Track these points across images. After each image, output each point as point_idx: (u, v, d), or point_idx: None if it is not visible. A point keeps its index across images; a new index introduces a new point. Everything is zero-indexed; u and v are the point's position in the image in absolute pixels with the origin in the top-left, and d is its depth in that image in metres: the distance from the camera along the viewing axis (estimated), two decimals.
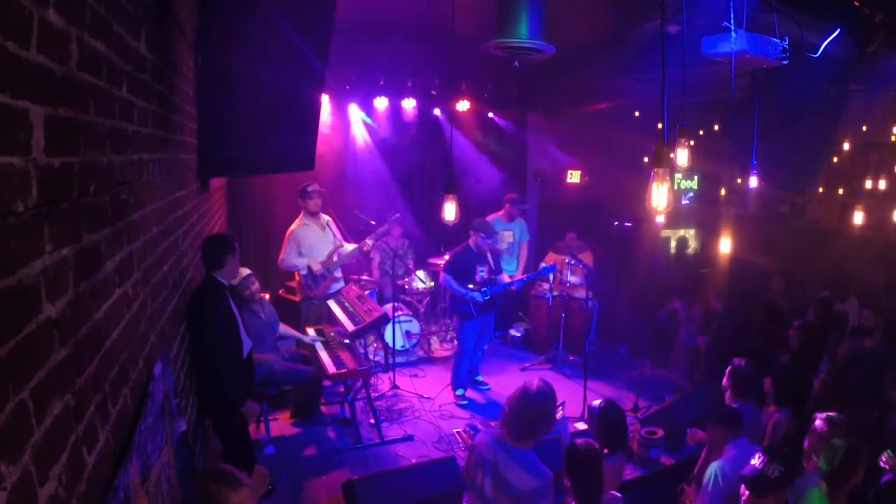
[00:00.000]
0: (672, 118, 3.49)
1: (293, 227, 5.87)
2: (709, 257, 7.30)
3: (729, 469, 3.08)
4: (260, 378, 4.66)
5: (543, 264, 7.16)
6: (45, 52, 1.13)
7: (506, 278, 6.07)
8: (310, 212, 5.86)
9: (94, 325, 1.43)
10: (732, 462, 3.11)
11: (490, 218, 7.21)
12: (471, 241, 5.82)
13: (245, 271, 4.69)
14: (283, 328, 5.10)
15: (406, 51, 6.02)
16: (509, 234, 7.34)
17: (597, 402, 3.55)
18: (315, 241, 5.86)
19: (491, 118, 8.45)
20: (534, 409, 2.66)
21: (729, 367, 3.89)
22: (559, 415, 3.32)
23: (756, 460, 2.70)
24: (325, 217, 6.04)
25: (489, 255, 5.90)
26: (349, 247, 6.03)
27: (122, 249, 1.75)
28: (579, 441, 2.85)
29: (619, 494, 2.83)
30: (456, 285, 5.73)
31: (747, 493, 2.66)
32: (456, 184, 4.05)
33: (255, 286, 4.76)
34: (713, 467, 3.15)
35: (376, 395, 5.73)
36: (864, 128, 7.25)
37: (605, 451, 3.18)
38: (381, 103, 7.49)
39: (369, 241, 5.98)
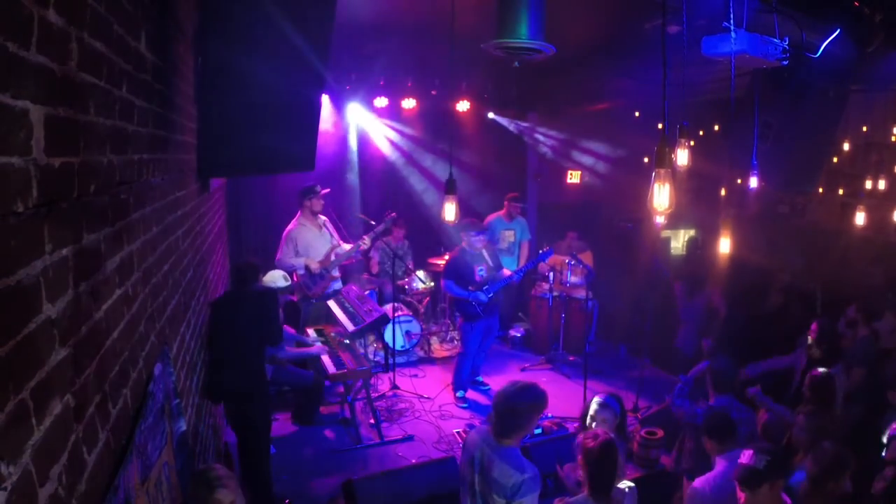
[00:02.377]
0: (672, 118, 3.48)
1: (290, 227, 5.90)
2: (708, 258, 7.29)
3: (716, 483, 2.99)
4: (268, 373, 4.73)
5: (543, 265, 7.16)
6: (45, 52, 1.13)
7: (506, 272, 6.08)
8: (313, 211, 5.90)
9: (94, 325, 1.43)
10: (716, 477, 3.03)
11: (491, 218, 7.22)
12: (464, 244, 5.84)
13: (281, 282, 4.88)
14: (289, 350, 5.03)
15: (406, 51, 6.02)
16: (510, 234, 7.35)
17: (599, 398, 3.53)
18: (312, 240, 5.88)
19: (491, 118, 8.45)
20: (511, 407, 2.70)
21: (707, 365, 3.91)
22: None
23: (742, 458, 2.68)
24: (322, 217, 6.07)
25: (485, 253, 5.90)
26: (346, 246, 6.04)
27: (122, 249, 1.75)
28: (598, 432, 2.85)
29: (632, 484, 2.82)
30: (458, 289, 5.74)
31: (743, 494, 2.64)
32: (455, 184, 4.04)
33: (285, 299, 5.13)
34: (695, 484, 3.08)
35: (376, 395, 5.73)
36: (864, 128, 7.25)
37: None
38: (381, 103, 7.49)
39: (366, 240, 5.99)
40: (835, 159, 7.10)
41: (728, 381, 3.74)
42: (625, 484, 2.78)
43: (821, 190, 7.74)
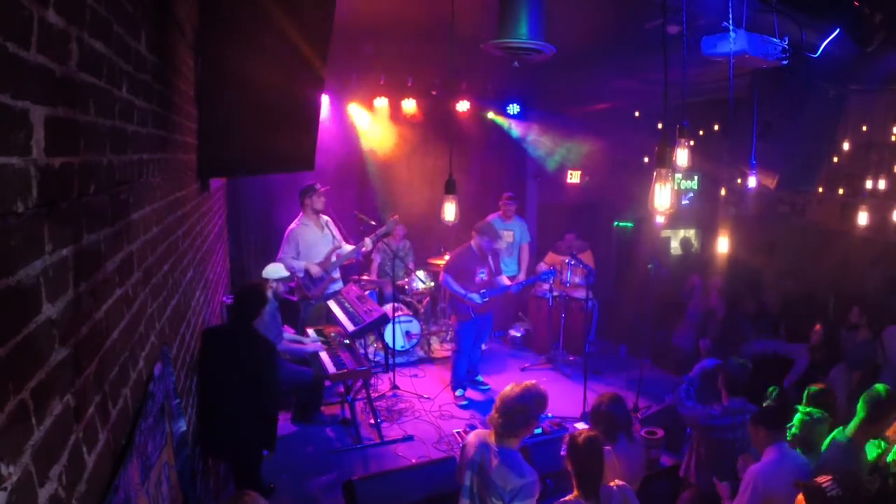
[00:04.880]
0: (672, 118, 3.48)
1: (292, 226, 5.89)
2: (708, 258, 7.30)
3: (767, 473, 3.01)
4: None
5: (543, 265, 7.18)
6: (45, 52, 1.13)
7: (505, 280, 6.07)
8: (314, 209, 5.90)
9: (94, 325, 1.43)
10: (771, 465, 3.05)
11: (489, 218, 7.21)
12: (472, 243, 5.83)
13: (283, 272, 4.91)
14: (286, 343, 5.06)
15: (406, 51, 6.01)
16: (509, 234, 7.36)
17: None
18: (314, 240, 5.87)
19: (491, 118, 8.45)
20: (515, 405, 2.71)
21: (720, 368, 3.90)
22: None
23: (821, 478, 2.61)
24: (325, 217, 6.06)
25: (490, 258, 5.91)
26: (347, 247, 6.04)
27: (122, 249, 1.74)
28: (580, 430, 2.86)
29: (623, 483, 2.82)
30: (455, 286, 5.74)
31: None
32: (455, 184, 4.04)
33: (286, 288, 5.09)
34: (751, 472, 3.09)
35: (376, 395, 5.74)
36: (864, 128, 7.24)
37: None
38: (381, 103, 7.49)
39: (368, 242, 5.99)
40: (835, 159, 7.09)
41: (741, 382, 3.75)
42: (616, 483, 2.78)
43: (821, 190, 7.74)
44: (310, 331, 5.61)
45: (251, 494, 2.33)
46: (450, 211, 4.06)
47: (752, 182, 5.01)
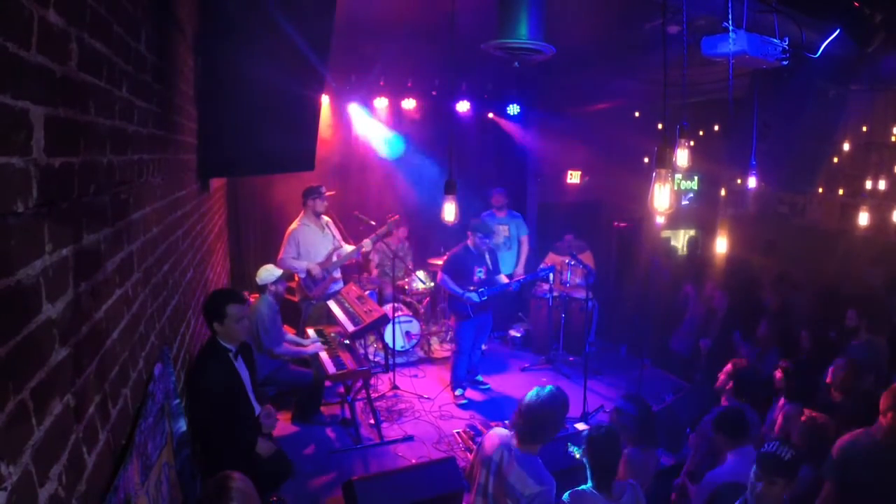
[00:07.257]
0: (672, 118, 3.49)
1: (293, 226, 5.88)
2: (709, 258, 7.29)
3: (725, 477, 3.00)
4: (268, 372, 4.73)
5: (543, 266, 7.17)
6: (45, 52, 1.13)
7: (504, 279, 6.07)
8: (316, 211, 5.90)
9: (94, 325, 1.43)
10: (730, 469, 3.04)
11: (483, 215, 7.23)
12: (469, 242, 5.83)
13: (277, 272, 4.92)
14: (286, 346, 5.04)
15: (406, 51, 6.01)
16: (504, 228, 7.38)
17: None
18: (315, 241, 5.87)
19: (491, 118, 8.45)
20: (541, 412, 2.71)
21: (729, 366, 3.88)
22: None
23: (768, 447, 2.62)
24: (325, 218, 6.06)
25: (487, 256, 5.90)
26: (348, 248, 6.04)
27: (122, 249, 1.75)
28: (601, 426, 2.88)
29: (633, 481, 2.83)
30: (453, 285, 5.74)
31: (759, 483, 2.57)
32: (455, 184, 4.04)
33: (284, 286, 5.06)
34: (709, 476, 3.09)
35: (376, 395, 5.73)
36: (864, 128, 7.24)
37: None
38: (381, 103, 7.49)
39: (367, 243, 5.99)
40: (835, 159, 7.09)
41: (750, 387, 3.76)
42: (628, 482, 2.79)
43: (821, 190, 7.74)
44: (310, 331, 5.61)
45: (234, 476, 2.12)
46: (450, 211, 4.05)
47: (752, 182, 5.01)
